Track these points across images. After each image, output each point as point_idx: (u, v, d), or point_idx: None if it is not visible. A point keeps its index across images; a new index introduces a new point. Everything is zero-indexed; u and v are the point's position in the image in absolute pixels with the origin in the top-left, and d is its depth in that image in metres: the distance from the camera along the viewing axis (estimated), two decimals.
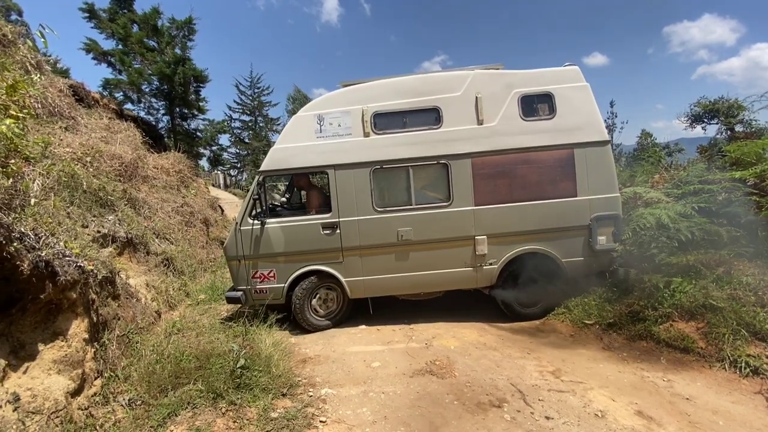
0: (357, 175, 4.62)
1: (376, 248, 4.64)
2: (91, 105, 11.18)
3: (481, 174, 4.58)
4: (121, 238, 5.72)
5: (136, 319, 4.48)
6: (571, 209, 4.55)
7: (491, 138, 4.58)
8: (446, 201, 4.61)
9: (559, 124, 4.57)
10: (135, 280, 5.44)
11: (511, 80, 4.67)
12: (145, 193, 9.00)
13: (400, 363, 3.78)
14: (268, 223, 4.68)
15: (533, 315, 4.79)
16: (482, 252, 4.59)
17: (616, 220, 4.54)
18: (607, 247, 4.57)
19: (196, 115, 18.52)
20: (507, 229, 4.59)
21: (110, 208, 6.40)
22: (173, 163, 12.25)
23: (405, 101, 4.67)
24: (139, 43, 16.19)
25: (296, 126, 4.78)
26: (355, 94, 4.74)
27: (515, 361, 3.74)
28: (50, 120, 7.63)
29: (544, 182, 4.57)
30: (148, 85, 16.75)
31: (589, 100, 4.61)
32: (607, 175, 4.56)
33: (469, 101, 4.62)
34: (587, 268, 4.67)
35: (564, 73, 4.70)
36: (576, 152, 4.55)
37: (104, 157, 7.99)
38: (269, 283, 4.75)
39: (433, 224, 4.59)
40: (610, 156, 4.64)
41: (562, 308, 4.76)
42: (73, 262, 3.07)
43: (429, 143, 4.60)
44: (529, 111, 4.64)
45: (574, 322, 4.52)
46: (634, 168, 7.96)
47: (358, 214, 4.62)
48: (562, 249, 4.62)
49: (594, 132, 4.57)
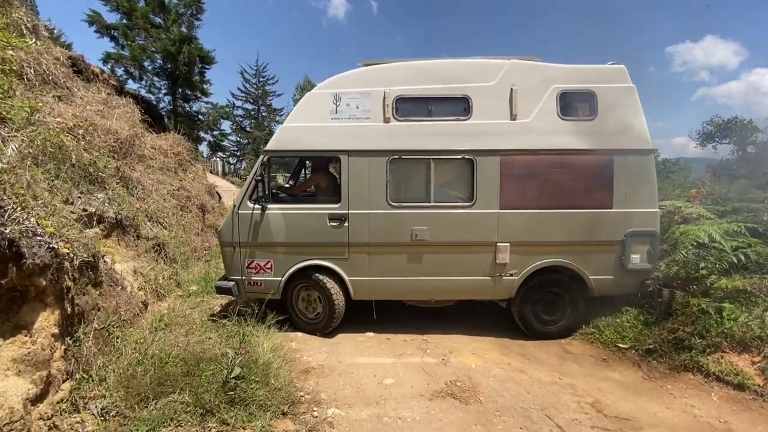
0: (372, 164, 4.17)
1: (386, 246, 4.20)
2: (90, 79, 10.62)
3: (510, 174, 4.11)
4: (110, 218, 5.22)
5: (120, 310, 3.99)
6: (605, 222, 4.10)
7: (524, 135, 4.12)
8: (469, 201, 4.16)
9: (599, 126, 4.11)
10: (122, 266, 4.95)
11: (550, 74, 4.20)
12: (140, 172, 8.47)
13: (416, 381, 3.33)
14: (269, 209, 4.24)
15: (553, 334, 4.35)
16: (503, 261, 4.15)
17: (652, 238, 4.08)
18: (640, 267, 4.11)
19: (199, 97, 17.97)
20: (533, 237, 4.14)
21: (100, 186, 5.90)
22: (172, 144, 11.72)
23: (432, 86, 4.21)
24: (144, 18, 15.61)
25: (310, 104, 4.32)
26: (377, 74, 4.28)
27: (546, 387, 3.31)
28: (43, 88, 7.10)
29: (577, 189, 4.11)
30: (151, 63, 16.18)
31: (635, 103, 4.15)
32: (647, 188, 4.10)
33: (502, 93, 4.15)
34: (617, 288, 4.24)
35: (609, 72, 4.23)
36: (616, 159, 4.09)
37: (98, 131, 7.45)
38: (265, 275, 4.32)
39: (451, 225, 4.15)
40: (653, 167, 4.16)
41: (591, 328, 4.34)
42: (46, 243, 2.59)
43: (455, 135, 4.15)
44: (568, 110, 4.18)
45: (605, 344, 4.09)
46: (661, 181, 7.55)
47: (370, 207, 4.17)
48: (591, 265, 4.17)
49: (637, 139, 4.10)
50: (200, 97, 17.96)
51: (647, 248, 4.10)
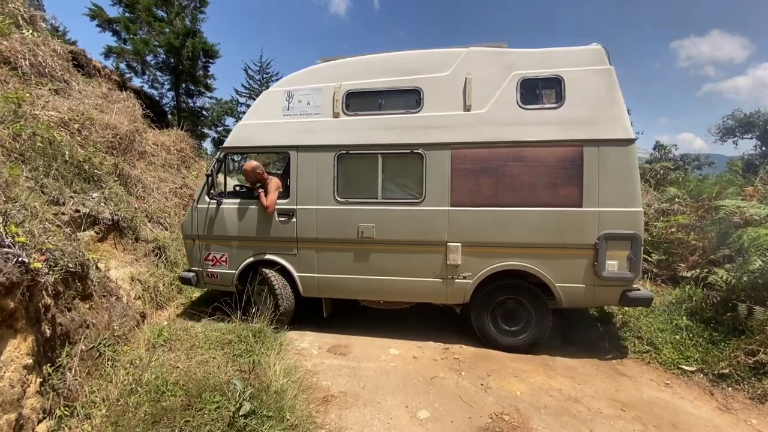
0: (320, 159, 4.10)
1: (333, 243, 4.10)
2: (92, 74, 10.18)
3: (462, 169, 3.79)
4: (106, 219, 4.77)
5: (113, 325, 3.54)
6: (573, 222, 3.59)
7: (478, 127, 3.77)
8: (417, 198, 3.90)
9: (566, 114, 3.62)
10: (117, 273, 4.50)
11: (511, 60, 3.79)
12: (140, 170, 8.02)
13: (455, 414, 2.84)
14: (224, 204, 4.35)
15: (517, 346, 3.89)
16: (455, 262, 3.83)
17: (633, 241, 3.48)
18: (618, 276, 3.52)
19: (203, 92, 17.47)
20: (487, 238, 3.76)
21: (96, 184, 5.45)
22: (175, 140, 11.28)
23: (383, 80, 4.04)
24: (147, 11, 15.13)
25: (265, 102, 4.35)
26: (331, 70, 4.20)
27: (610, 422, 2.80)
28: (39, 81, 6.66)
29: (539, 185, 3.65)
30: (154, 57, 15.70)
31: (612, 87, 3.57)
32: (626, 184, 3.51)
33: (457, 83, 3.86)
34: (590, 299, 3.69)
35: (582, 54, 3.69)
36: (586, 151, 3.56)
37: (96, 126, 7.01)
38: (220, 268, 4.43)
39: (399, 223, 3.91)
40: (634, 159, 3.52)
41: (646, 345, 3.83)
42: (14, 256, 2.12)
43: (404, 129, 3.93)
44: (531, 98, 3.74)
45: (665, 365, 3.59)
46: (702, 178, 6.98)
47: (317, 203, 4.10)
48: (557, 271, 3.68)
49: (614, 127, 3.53)
50: (204, 92, 17.47)
51: (627, 254, 3.50)
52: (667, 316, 4.05)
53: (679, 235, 5.13)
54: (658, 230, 5.44)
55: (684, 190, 6.26)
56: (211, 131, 18.59)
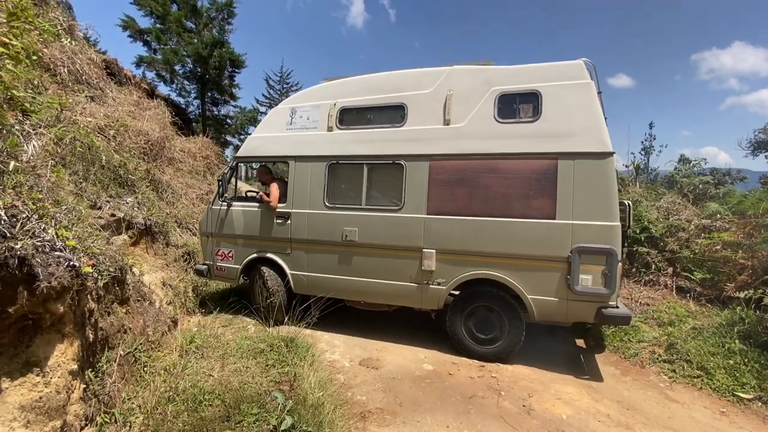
0: (314, 169, 4.50)
1: (321, 245, 4.44)
2: (123, 82, 10.51)
3: (439, 180, 3.97)
4: (139, 224, 4.81)
5: (147, 330, 3.53)
6: (545, 234, 3.56)
7: (455, 140, 3.93)
8: (397, 205, 4.11)
9: (542, 128, 3.65)
10: (150, 277, 4.51)
11: (490, 77, 3.92)
12: (169, 176, 8.18)
13: None
14: (233, 206, 4.89)
15: (489, 355, 3.88)
16: (429, 268, 3.96)
17: (609, 256, 3.36)
18: (592, 291, 3.43)
19: (228, 101, 17.86)
20: (460, 246, 3.85)
21: (130, 189, 5.53)
22: (201, 147, 11.52)
23: (373, 97, 4.37)
24: (177, 23, 15.62)
25: (272, 117, 4.89)
26: (329, 89, 4.62)
27: None
28: (76, 88, 6.89)
29: (513, 197, 3.70)
30: (182, 67, 16.15)
31: (589, 100, 3.55)
32: (602, 197, 3.43)
33: (438, 99, 4.05)
34: (564, 315, 3.60)
35: (562, 69, 3.71)
36: (561, 164, 3.55)
37: (129, 132, 7.19)
38: (228, 263, 4.94)
39: (379, 228, 4.16)
40: (611, 173, 3.46)
41: (697, 369, 3.61)
42: (66, 260, 2.11)
43: (388, 141, 4.20)
44: (508, 112, 3.83)
45: (719, 392, 3.37)
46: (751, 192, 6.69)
47: (309, 207, 4.50)
48: (530, 283, 3.66)
49: (590, 140, 3.49)
50: (229, 101, 17.86)
51: (602, 269, 3.40)
52: (717, 339, 3.82)
53: (725, 253, 4.89)
54: (701, 248, 5.20)
55: (725, 206, 6.00)
56: (234, 139, 18.93)
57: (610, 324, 3.97)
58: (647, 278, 5.49)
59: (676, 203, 6.34)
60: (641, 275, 5.55)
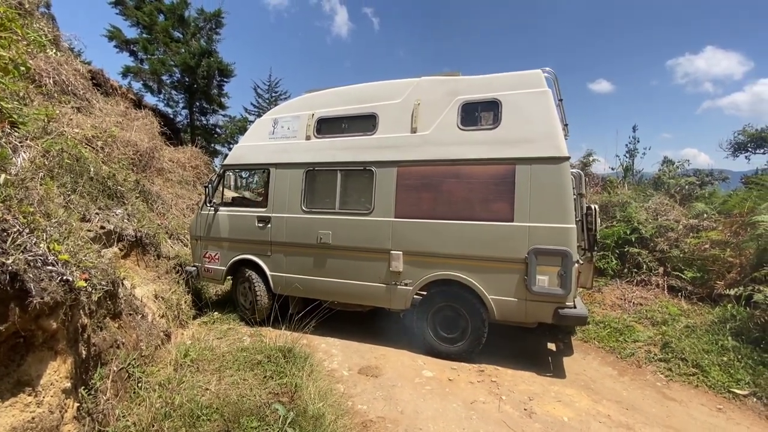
0: (293, 175, 4.71)
1: (298, 247, 4.64)
2: (110, 93, 10.38)
3: (406, 185, 4.15)
4: (129, 236, 4.73)
5: (140, 345, 3.45)
6: (504, 236, 3.70)
7: (421, 147, 4.11)
8: (368, 209, 4.31)
9: (501, 135, 3.81)
10: (141, 290, 4.43)
11: (455, 87, 4.11)
12: (159, 186, 8.07)
13: None
14: (219, 210, 5.13)
15: (452, 354, 4.00)
16: (397, 269, 4.14)
17: (564, 258, 3.47)
18: (548, 291, 3.53)
19: (217, 110, 17.72)
20: (425, 248, 4.02)
21: (119, 201, 5.43)
22: (190, 157, 11.41)
23: (348, 107, 4.60)
24: (164, 33, 15.50)
25: (257, 127, 5.16)
26: (309, 100, 4.86)
27: None
28: (62, 99, 6.77)
29: (473, 201, 3.87)
30: (170, 77, 16.01)
31: (546, 108, 3.70)
32: (557, 200, 3.55)
33: (407, 109, 4.25)
34: (523, 314, 3.71)
35: (521, 78, 3.88)
36: (518, 169, 3.70)
37: (117, 143, 7.08)
38: (214, 264, 5.18)
39: (351, 231, 4.36)
40: (566, 177, 3.57)
41: (692, 367, 3.66)
42: (59, 275, 2.06)
43: (360, 149, 4.41)
44: (470, 120, 4.01)
45: (715, 389, 3.42)
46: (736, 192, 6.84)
47: (288, 211, 4.70)
48: (490, 283, 3.79)
49: (547, 146, 3.63)
50: (217, 110, 17.71)
51: (557, 270, 3.50)
52: (711, 337, 3.88)
53: (713, 252, 4.99)
54: (690, 247, 5.30)
55: (711, 205, 6.13)
56: (223, 148, 18.75)
57: (567, 324, 4.03)
58: (639, 278, 5.56)
59: (664, 204, 6.46)
60: (633, 275, 5.63)
